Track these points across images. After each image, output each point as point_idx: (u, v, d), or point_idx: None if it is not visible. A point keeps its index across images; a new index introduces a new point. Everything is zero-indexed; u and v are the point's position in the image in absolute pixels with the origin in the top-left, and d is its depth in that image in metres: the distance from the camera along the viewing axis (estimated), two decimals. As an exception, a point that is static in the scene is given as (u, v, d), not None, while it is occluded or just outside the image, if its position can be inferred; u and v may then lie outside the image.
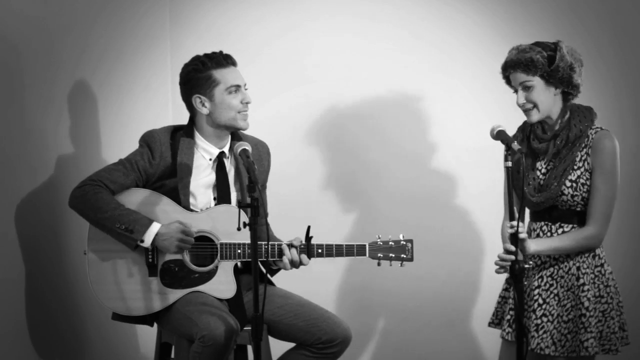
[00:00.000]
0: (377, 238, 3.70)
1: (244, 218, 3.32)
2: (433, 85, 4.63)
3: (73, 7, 4.06)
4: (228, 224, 3.54)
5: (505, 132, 3.49)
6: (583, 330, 3.62)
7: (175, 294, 3.58)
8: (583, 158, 3.64)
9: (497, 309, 3.82)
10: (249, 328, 3.38)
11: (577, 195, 3.63)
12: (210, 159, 3.69)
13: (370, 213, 4.67)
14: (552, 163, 3.69)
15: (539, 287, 3.68)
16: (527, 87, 3.62)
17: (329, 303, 4.30)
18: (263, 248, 3.56)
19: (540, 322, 3.64)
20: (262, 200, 3.29)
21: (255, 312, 3.30)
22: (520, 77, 3.63)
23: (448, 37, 4.63)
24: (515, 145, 3.41)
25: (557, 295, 3.67)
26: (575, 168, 3.64)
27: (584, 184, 3.63)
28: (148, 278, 3.57)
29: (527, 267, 3.64)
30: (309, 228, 3.61)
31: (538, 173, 3.70)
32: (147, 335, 4.17)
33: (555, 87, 3.63)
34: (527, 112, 3.65)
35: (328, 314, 3.65)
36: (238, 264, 3.65)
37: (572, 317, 3.65)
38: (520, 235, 3.50)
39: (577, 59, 3.63)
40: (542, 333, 3.63)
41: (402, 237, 3.71)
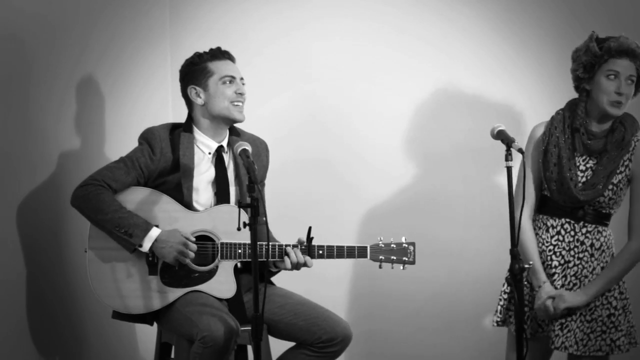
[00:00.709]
0: (378, 240, 3.69)
1: (244, 218, 3.31)
2: (433, 86, 4.63)
3: (74, 6, 4.06)
4: (229, 224, 3.54)
5: (506, 131, 3.49)
6: (614, 330, 3.64)
7: (175, 293, 3.57)
8: (625, 164, 3.66)
9: (503, 308, 3.79)
10: (249, 328, 3.37)
11: (612, 199, 3.66)
12: (210, 153, 3.69)
13: (372, 213, 4.66)
14: (594, 161, 3.67)
15: (563, 286, 3.68)
16: (630, 80, 3.60)
17: (329, 303, 4.26)
18: (264, 248, 3.55)
19: (565, 320, 3.64)
20: (262, 200, 3.29)
21: (255, 312, 3.29)
22: (631, 68, 3.60)
23: (448, 37, 4.63)
24: (516, 145, 3.41)
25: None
26: (618, 172, 3.65)
27: (622, 189, 3.65)
28: (148, 277, 3.56)
29: (527, 267, 3.65)
30: (310, 229, 3.61)
31: (580, 168, 3.68)
32: (147, 335, 4.16)
33: (636, 91, 3.65)
34: (617, 104, 3.60)
35: (328, 313, 3.64)
36: (238, 264, 3.65)
37: (595, 316, 3.65)
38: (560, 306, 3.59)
39: None
40: (566, 332, 3.63)
41: (404, 239, 3.70)
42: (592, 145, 3.66)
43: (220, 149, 3.70)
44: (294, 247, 3.60)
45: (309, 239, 3.60)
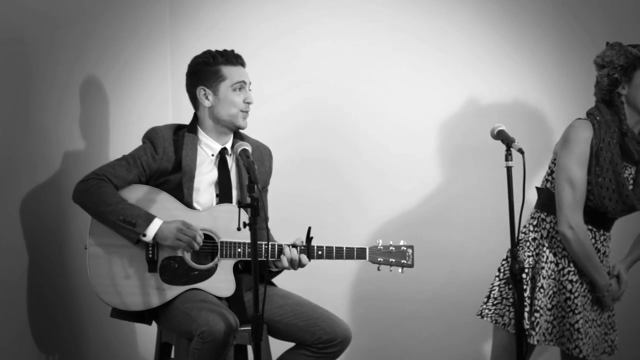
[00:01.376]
0: (377, 242, 3.68)
1: (244, 218, 3.31)
2: (434, 86, 4.64)
3: (74, 6, 4.07)
4: (229, 223, 3.54)
5: (506, 131, 3.49)
6: (612, 330, 3.68)
7: (174, 291, 3.57)
8: None
9: (507, 309, 3.77)
10: (249, 328, 3.37)
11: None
12: (213, 155, 3.69)
13: (372, 214, 4.66)
14: (633, 169, 3.67)
15: (580, 294, 3.66)
16: None
17: (329, 304, 4.25)
18: (263, 248, 3.55)
19: (586, 327, 3.63)
20: (262, 202, 3.28)
21: (255, 312, 3.29)
22: None
23: (448, 37, 4.63)
24: (516, 145, 3.41)
25: (591, 300, 3.69)
26: None
27: None
28: (147, 274, 3.56)
29: (527, 267, 3.65)
30: (310, 229, 3.61)
31: (627, 174, 3.67)
32: (146, 335, 4.16)
33: None
34: None
35: (328, 314, 3.64)
36: (239, 265, 3.65)
37: (602, 320, 3.69)
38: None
39: None
40: (588, 339, 3.63)
41: (403, 242, 3.70)
42: (639, 152, 3.63)
43: (224, 151, 3.70)
44: (292, 245, 3.60)
45: (309, 239, 3.60)
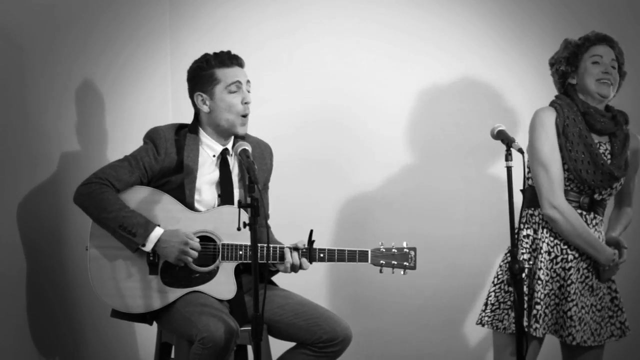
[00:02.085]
0: (380, 244, 3.68)
1: (245, 218, 3.31)
2: (434, 85, 4.63)
3: (74, 6, 4.06)
4: (230, 225, 3.52)
5: (506, 131, 3.50)
6: (620, 312, 3.72)
7: (175, 293, 3.57)
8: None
9: (505, 312, 3.77)
10: (249, 328, 3.37)
11: (621, 184, 3.76)
12: (214, 156, 3.68)
13: (372, 213, 4.66)
14: (607, 143, 3.74)
15: (578, 280, 3.69)
16: (613, 65, 3.71)
17: (329, 303, 4.29)
18: (264, 250, 3.54)
19: (581, 314, 3.65)
20: (262, 201, 3.28)
21: (255, 312, 3.29)
22: (612, 54, 3.71)
23: (449, 38, 4.63)
24: (516, 145, 3.42)
25: (591, 287, 3.70)
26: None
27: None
28: (148, 276, 3.56)
29: (527, 267, 3.65)
30: (312, 232, 3.60)
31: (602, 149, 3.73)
32: (146, 335, 4.16)
33: (620, 82, 3.75)
34: (607, 83, 3.69)
35: (328, 313, 3.64)
36: (240, 265, 3.64)
37: (603, 304, 3.71)
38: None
39: None
40: (583, 326, 3.64)
41: (405, 244, 3.70)
42: (606, 124, 3.70)
43: (225, 152, 3.70)
44: (294, 249, 3.60)
45: (310, 243, 3.60)
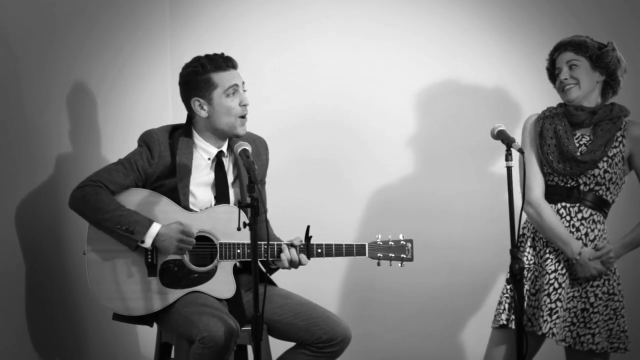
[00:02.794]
0: (376, 238, 3.69)
1: (244, 218, 3.31)
2: (434, 85, 4.63)
3: (74, 6, 4.06)
4: (228, 224, 3.54)
5: (506, 131, 3.50)
6: (582, 325, 3.64)
7: (175, 294, 3.57)
8: (619, 140, 3.73)
9: (508, 307, 3.78)
10: (249, 328, 3.38)
11: (608, 173, 3.70)
12: (209, 159, 3.68)
13: (371, 212, 4.66)
14: (589, 136, 3.75)
15: (556, 271, 3.69)
16: (573, 65, 3.73)
17: (329, 303, 4.28)
18: (262, 248, 3.55)
19: (555, 306, 3.65)
20: (261, 198, 3.29)
21: (255, 312, 3.29)
22: (569, 55, 3.74)
23: (449, 37, 4.63)
24: (516, 145, 3.42)
25: (572, 282, 3.70)
26: (613, 146, 3.71)
27: (616, 165, 3.70)
28: (147, 278, 3.56)
29: (526, 267, 3.65)
30: (309, 228, 3.61)
31: (576, 141, 3.74)
32: (147, 335, 4.17)
33: (600, 72, 3.74)
34: (567, 89, 3.73)
35: (328, 313, 3.64)
36: (237, 264, 3.65)
37: (570, 306, 3.66)
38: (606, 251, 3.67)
39: (624, 61, 3.78)
40: (555, 318, 3.63)
41: (402, 237, 3.71)
42: (578, 116, 3.73)
43: (220, 154, 3.69)
44: (290, 245, 3.60)
45: (308, 238, 3.60)
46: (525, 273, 3.73)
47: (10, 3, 3.66)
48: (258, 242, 3.34)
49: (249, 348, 3.69)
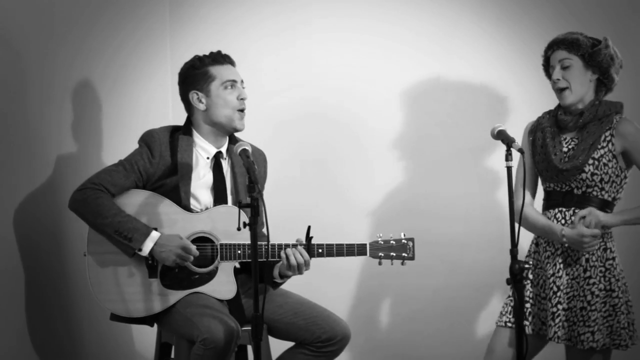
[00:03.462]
0: (377, 237, 3.68)
1: (244, 218, 3.31)
2: (434, 85, 4.63)
3: (74, 6, 4.06)
4: (228, 225, 3.54)
5: (506, 131, 3.50)
6: (581, 324, 3.64)
7: (176, 295, 3.57)
8: (607, 139, 3.70)
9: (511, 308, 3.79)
10: (249, 328, 3.38)
11: (596, 175, 3.67)
12: (208, 158, 3.68)
13: (371, 213, 4.66)
14: (577, 139, 3.73)
15: (554, 274, 3.69)
16: (565, 65, 3.71)
17: (328, 302, 4.26)
18: (263, 248, 3.55)
19: (556, 309, 3.65)
20: (264, 204, 3.27)
21: (255, 312, 3.29)
22: (562, 54, 3.73)
23: (449, 37, 4.63)
24: (516, 145, 3.42)
25: (571, 281, 3.68)
26: (599, 147, 3.69)
27: (606, 165, 3.67)
28: (148, 279, 3.56)
29: (527, 267, 3.65)
30: (309, 228, 3.60)
31: (564, 145, 3.74)
32: (146, 336, 4.16)
33: (593, 71, 3.72)
34: (561, 92, 3.72)
35: (327, 312, 3.65)
36: (237, 265, 3.65)
37: (571, 306, 3.67)
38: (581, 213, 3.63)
39: (618, 57, 3.75)
40: (557, 321, 3.64)
41: (403, 235, 3.70)
42: (564, 121, 3.73)
43: (219, 155, 3.69)
44: (293, 246, 3.60)
45: (308, 239, 3.60)
46: (532, 277, 3.73)
47: (11, 3, 3.65)
48: (258, 242, 3.34)
49: (249, 348, 3.70)
